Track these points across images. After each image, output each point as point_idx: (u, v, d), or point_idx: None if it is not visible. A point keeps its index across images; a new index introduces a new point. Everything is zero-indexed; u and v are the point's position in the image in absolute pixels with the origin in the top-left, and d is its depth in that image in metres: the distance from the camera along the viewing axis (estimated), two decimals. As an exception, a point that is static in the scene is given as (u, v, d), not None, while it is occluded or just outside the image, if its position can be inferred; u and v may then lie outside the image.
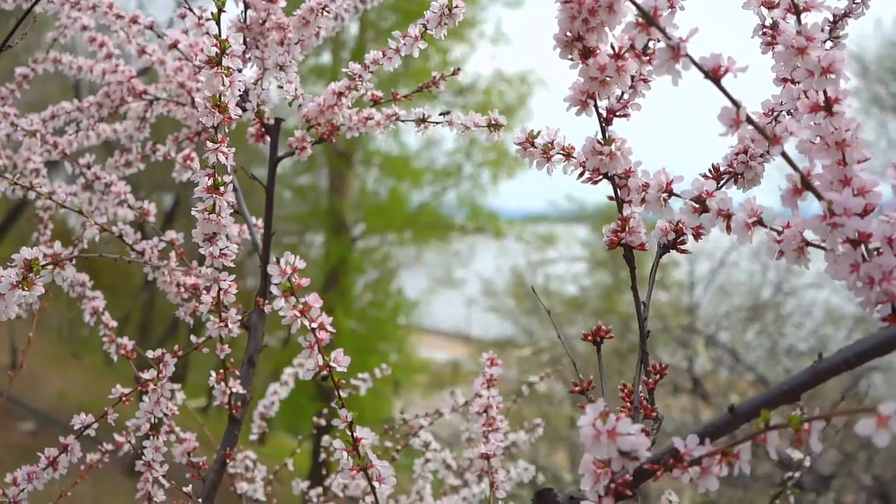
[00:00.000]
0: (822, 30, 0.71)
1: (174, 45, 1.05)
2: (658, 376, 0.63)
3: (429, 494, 1.30)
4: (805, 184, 0.51)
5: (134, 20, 1.09)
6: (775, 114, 0.69)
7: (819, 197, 0.51)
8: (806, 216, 0.54)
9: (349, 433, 0.64)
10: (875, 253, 0.52)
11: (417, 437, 1.31)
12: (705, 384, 6.46)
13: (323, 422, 1.41)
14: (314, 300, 0.61)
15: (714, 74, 0.50)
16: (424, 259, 12.12)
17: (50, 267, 0.67)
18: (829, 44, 0.71)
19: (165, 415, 0.96)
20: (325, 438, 1.10)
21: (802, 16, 0.56)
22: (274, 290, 0.61)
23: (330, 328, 0.62)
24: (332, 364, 0.62)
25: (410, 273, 12.20)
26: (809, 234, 0.54)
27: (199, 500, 0.93)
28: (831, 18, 0.71)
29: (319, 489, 1.35)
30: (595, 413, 0.50)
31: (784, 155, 0.51)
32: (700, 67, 0.50)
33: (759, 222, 0.55)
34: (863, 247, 0.52)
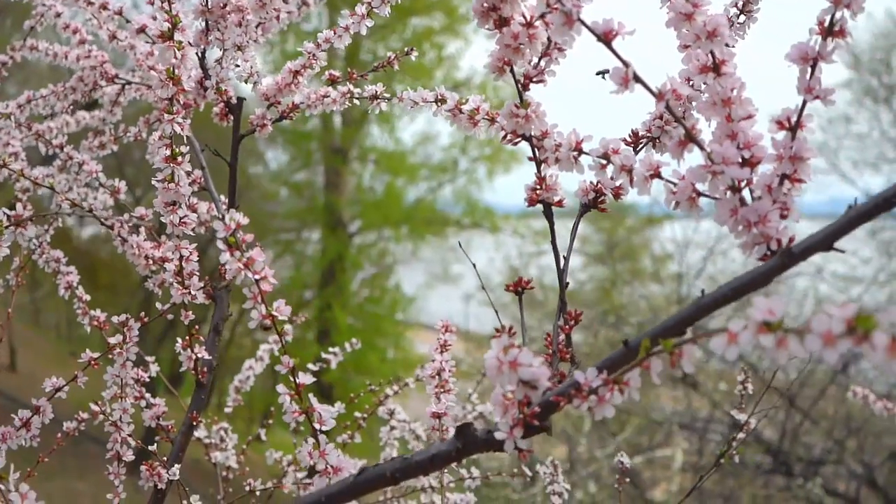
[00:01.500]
0: (735, 4, 0.76)
1: (142, 30, 1.10)
2: (574, 322, 0.68)
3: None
4: (689, 137, 0.56)
5: (104, 6, 1.13)
6: (690, 81, 0.73)
7: (701, 148, 0.56)
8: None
9: (292, 379, 0.69)
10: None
11: (384, 405, 1.36)
12: (697, 374, 6.54)
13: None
14: (258, 254, 0.66)
15: (606, 38, 0.55)
16: (421, 255, 12.18)
17: (12, 228, 0.72)
18: (742, 17, 0.76)
19: (136, 380, 1.02)
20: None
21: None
22: (220, 244, 0.65)
23: (273, 280, 0.67)
24: (274, 313, 0.67)
25: (407, 269, 12.26)
26: (701, 186, 0.59)
27: (165, 459, 0.98)
28: (744, -8, 0.75)
29: (290, 457, 1.41)
30: (499, 346, 0.55)
31: (669, 109, 0.56)
32: (592, 31, 0.55)
33: (657, 175, 0.60)
34: (746, 193, 0.57)
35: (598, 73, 0.64)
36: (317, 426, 0.69)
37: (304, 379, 0.69)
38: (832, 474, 5.99)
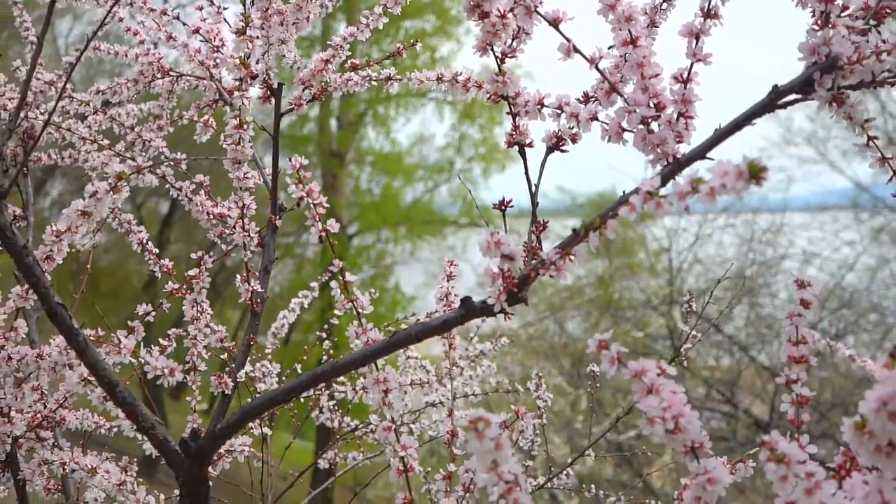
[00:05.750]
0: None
1: (196, 31, 1.36)
2: (542, 228, 0.94)
3: (412, 393, 1.61)
4: (612, 88, 0.82)
5: (164, 13, 1.40)
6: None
7: (621, 95, 0.82)
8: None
9: (342, 278, 0.95)
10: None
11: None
12: (690, 361, 6.82)
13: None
14: (315, 186, 0.92)
15: (555, 23, 0.81)
16: (419, 255, 12.43)
17: (135, 175, 0.98)
18: (665, 4, 1.02)
19: (202, 311, 1.27)
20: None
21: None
22: (288, 179, 0.92)
23: (325, 204, 0.93)
24: (328, 228, 0.93)
25: (406, 269, 12.50)
26: (624, 124, 0.85)
27: (233, 365, 1.24)
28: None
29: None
30: (488, 233, 0.81)
31: (598, 70, 0.82)
32: (545, 18, 0.81)
33: (595, 118, 0.86)
34: (654, 125, 0.83)
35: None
36: (359, 310, 0.95)
37: (350, 277, 0.95)
38: (820, 446, 6.26)
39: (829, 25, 0.74)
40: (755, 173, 0.59)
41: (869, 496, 0.59)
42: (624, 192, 0.80)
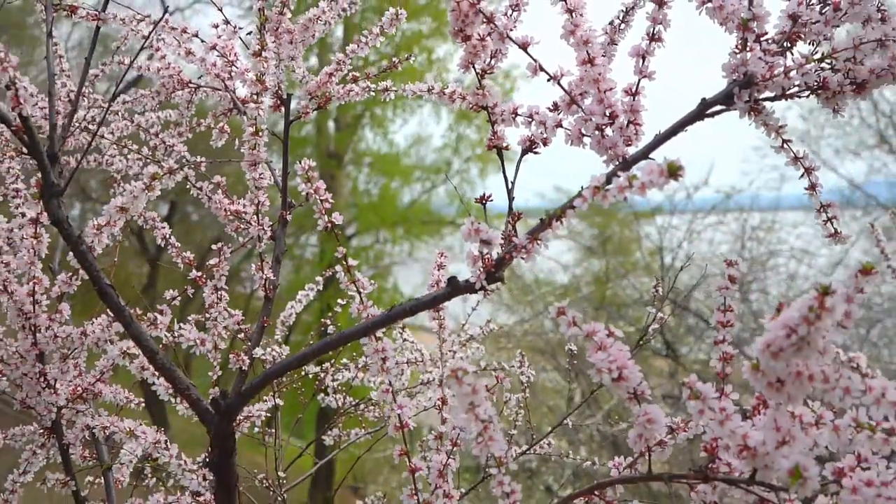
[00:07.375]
0: (618, 16, 1.18)
1: (213, 47, 1.52)
2: (518, 218, 1.09)
3: (408, 372, 1.77)
4: (572, 100, 0.98)
5: (184, 31, 1.55)
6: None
7: (579, 106, 0.98)
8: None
9: (345, 262, 1.11)
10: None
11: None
12: (679, 349, 7.00)
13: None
14: (321, 184, 1.08)
15: (523, 46, 0.97)
16: (417, 255, 12.58)
17: (167, 175, 1.14)
18: (623, 25, 1.18)
19: (221, 297, 1.43)
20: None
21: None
22: (298, 178, 1.07)
23: (330, 200, 1.09)
24: (333, 220, 1.09)
25: (405, 269, 12.64)
26: (584, 130, 1.01)
27: (249, 343, 1.40)
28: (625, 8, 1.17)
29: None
30: (469, 221, 0.97)
31: (560, 86, 0.98)
32: (515, 42, 0.97)
33: (560, 125, 1.02)
34: (608, 131, 0.99)
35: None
36: (361, 290, 1.11)
37: (352, 262, 1.11)
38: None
39: (747, 49, 0.90)
40: (673, 171, 0.75)
41: (766, 424, 0.75)
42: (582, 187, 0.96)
